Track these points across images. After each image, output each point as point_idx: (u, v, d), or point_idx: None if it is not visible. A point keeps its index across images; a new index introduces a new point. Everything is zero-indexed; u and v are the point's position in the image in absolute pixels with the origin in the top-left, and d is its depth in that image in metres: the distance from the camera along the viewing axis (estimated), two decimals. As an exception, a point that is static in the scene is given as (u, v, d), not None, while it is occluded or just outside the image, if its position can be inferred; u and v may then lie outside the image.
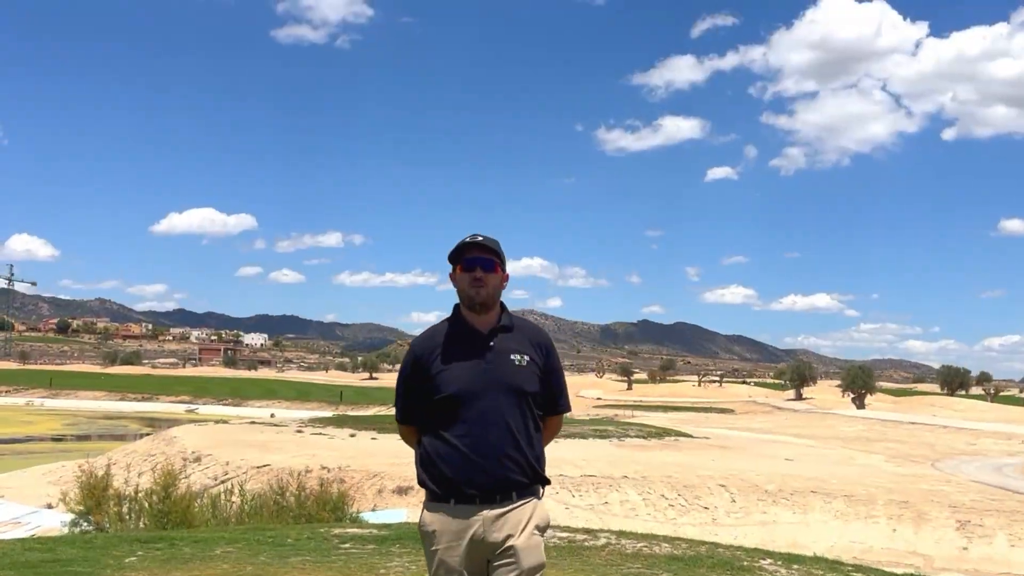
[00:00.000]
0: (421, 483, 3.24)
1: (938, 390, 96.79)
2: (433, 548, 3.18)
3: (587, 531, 10.05)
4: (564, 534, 9.48)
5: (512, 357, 3.23)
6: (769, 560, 8.42)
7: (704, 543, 9.38)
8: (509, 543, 3.10)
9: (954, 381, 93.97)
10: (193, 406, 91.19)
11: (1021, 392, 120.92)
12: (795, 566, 8.23)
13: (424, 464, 3.22)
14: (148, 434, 50.12)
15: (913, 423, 48.08)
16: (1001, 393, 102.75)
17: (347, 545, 8.67)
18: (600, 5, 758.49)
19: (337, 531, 9.60)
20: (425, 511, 3.24)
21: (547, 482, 3.28)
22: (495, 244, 3.31)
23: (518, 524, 3.12)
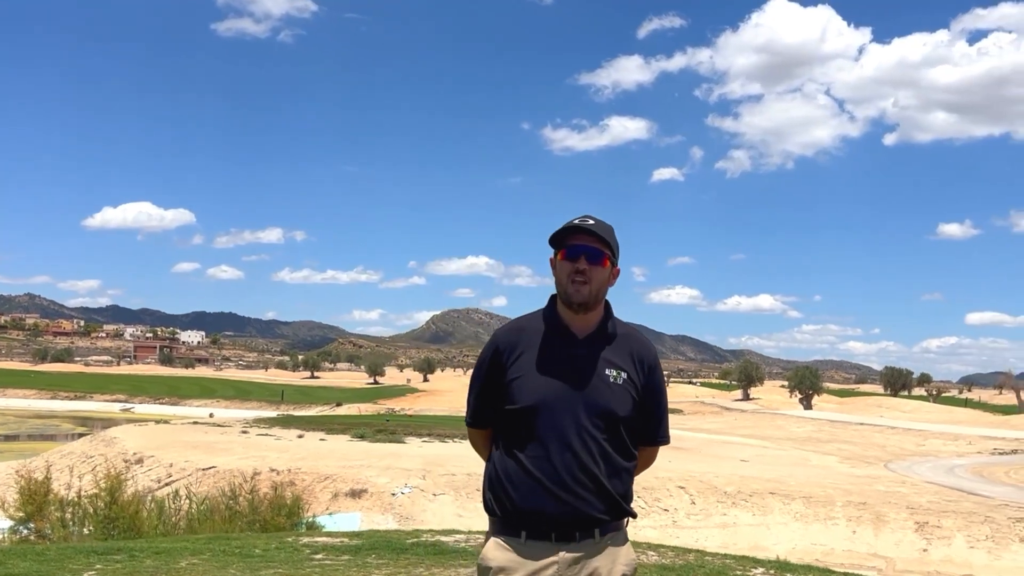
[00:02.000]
0: (487, 507, 2.70)
1: (881, 391, 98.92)
2: None
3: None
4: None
5: (607, 372, 2.66)
6: (761, 569, 8.15)
7: (690, 551, 9.08)
8: None
9: (897, 382, 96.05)
10: (129, 405, 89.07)
11: (961, 393, 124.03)
12: (787, 575, 7.96)
13: (492, 485, 2.68)
14: (82, 434, 48.61)
15: (862, 424, 48.78)
16: (943, 394, 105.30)
17: (319, 556, 8.17)
18: (548, 4, 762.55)
19: (306, 540, 9.10)
20: (490, 543, 2.67)
21: (633, 515, 2.74)
22: (608, 232, 2.71)
23: (602, 569, 2.61)
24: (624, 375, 2.66)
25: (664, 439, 2.82)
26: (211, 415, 64.65)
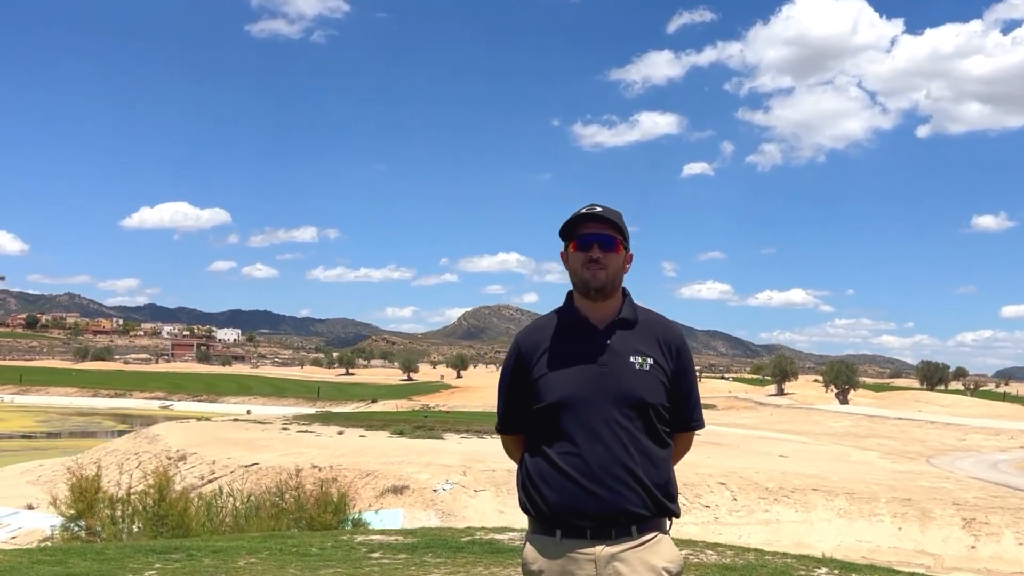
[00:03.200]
0: (523, 508, 2.63)
1: (917, 385, 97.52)
2: None
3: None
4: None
5: (632, 359, 2.57)
6: (824, 569, 8.04)
7: (749, 550, 9.01)
8: None
9: (933, 376, 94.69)
10: (167, 402, 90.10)
11: (998, 387, 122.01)
12: (852, 575, 7.87)
13: (525, 486, 2.61)
14: (123, 431, 49.31)
15: (900, 419, 48.14)
16: (980, 388, 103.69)
17: (376, 555, 8.19)
18: (576, 1, 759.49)
19: (361, 538, 9.12)
20: (528, 544, 2.61)
21: (676, 514, 2.61)
22: (617, 216, 2.67)
23: (642, 567, 2.49)
24: (651, 360, 2.59)
25: (698, 423, 2.72)
26: (248, 412, 65.30)
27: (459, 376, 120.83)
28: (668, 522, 2.61)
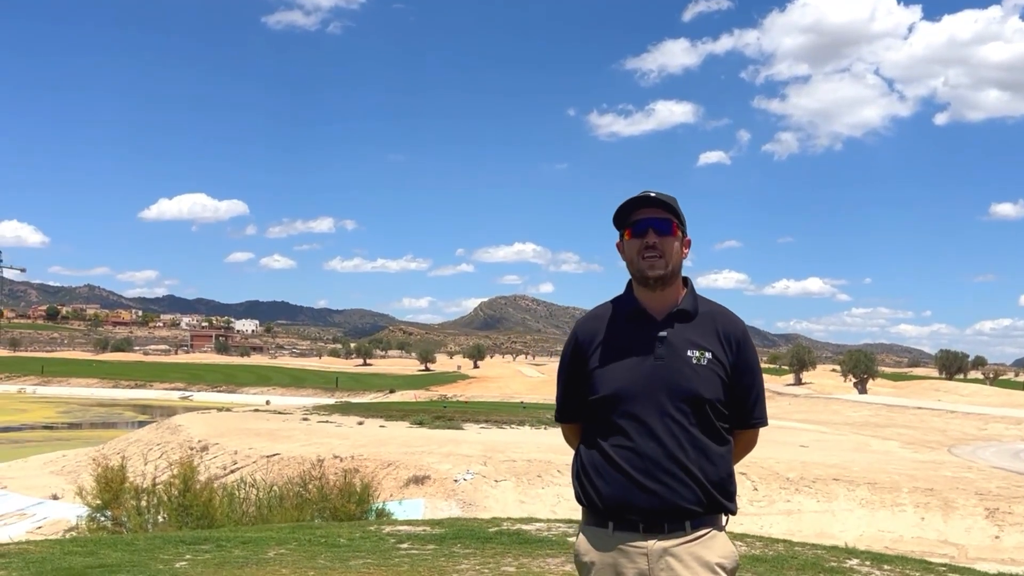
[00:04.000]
0: (577, 499, 2.62)
1: (935, 374, 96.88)
2: None
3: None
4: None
5: (689, 353, 2.52)
6: (856, 560, 8.02)
7: (778, 541, 8.99)
8: None
9: (952, 365, 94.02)
10: (187, 393, 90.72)
11: (1017, 376, 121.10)
12: (886, 567, 7.84)
13: (579, 477, 2.60)
14: (143, 422, 49.68)
15: (919, 408, 47.85)
16: (999, 377, 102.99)
17: (405, 545, 8.23)
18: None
19: (388, 529, 9.17)
20: (581, 535, 2.61)
21: (732, 511, 2.56)
22: (671, 200, 2.59)
23: (695, 563, 2.46)
24: (709, 355, 2.54)
25: (761, 420, 2.66)
26: (267, 402, 65.64)
27: (476, 366, 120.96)
28: (724, 519, 2.57)
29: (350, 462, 22.82)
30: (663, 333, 2.55)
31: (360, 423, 32.38)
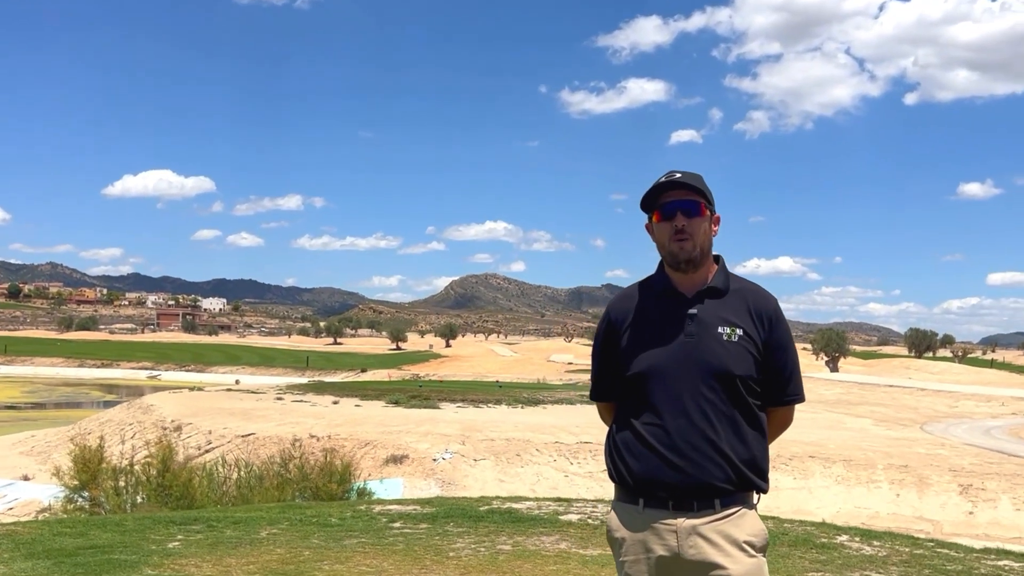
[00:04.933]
0: (610, 476, 2.63)
1: (905, 352, 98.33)
2: (620, 559, 2.58)
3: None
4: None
5: (720, 330, 2.52)
6: (845, 536, 8.06)
7: (767, 518, 8.99)
8: (719, 572, 2.44)
9: (921, 344, 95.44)
10: (155, 372, 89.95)
11: (984, 354, 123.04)
12: (875, 542, 7.88)
13: (611, 455, 2.61)
14: (111, 402, 49.15)
15: (891, 386, 48.52)
16: (968, 355, 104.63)
17: (397, 524, 8.15)
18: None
19: (379, 508, 9.09)
20: (612, 512, 2.63)
21: (763, 490, 2.55)
22: (698, 180, 2.59)
23: (723, 541, 2.45)
24: (740, 331, 2.53)
25: (797, 397, 2.63)
26: (237, 382, 65.18)
27: (448, 345, 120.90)
28: (756, 497, 2.56)
29: (327, 442, 22.70)
30: (693, 311, 2.55)
31: (335, 402, 32.23)
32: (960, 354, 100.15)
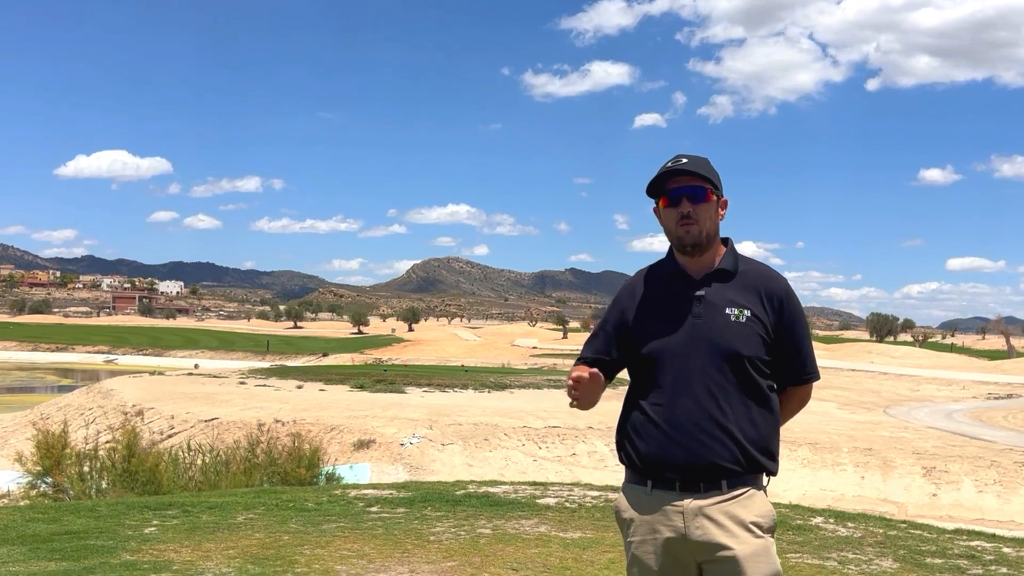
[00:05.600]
0: (620, 460, 2.63)
1: (866, 337, 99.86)
2: (628, 540, 2.59)
3: (614, 488, 9.65)
4: (597, 492, 9.07)
5: (728, 311, 2.52)
6: (820, 518, 8.13)
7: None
8: (726, 553, 2.43)
9: (883, 328, 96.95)
10: (112, 357, 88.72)
11: (944, 338, 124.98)
12: (849, 524, 7.96)
13: (620, 435, 2.62)
14: (67, 386, 48.39)
15: (854, 370, 49.27)
16: (928, 340, 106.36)
17: (375, 509, 8.08)
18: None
19: (354, 493, 9.00)
20: (621, 493, 2.64)
21: (772, 471, 2.54)
22: (704, 166, 2.60)
23: (730, 522, 2.45)
24: (748, 312, 2.53)
25: (812, 375, 2.65)
26: (196, 366, 64.46)
27: (411, 330, 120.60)
28: (764, 478, 2.56)
29: (293, 427, 22.52)
30: (701, 292, 2.57)
31: (299, 387, 31.98)
32: (920, 338, 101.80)
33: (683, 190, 2.57)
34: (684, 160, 2.59)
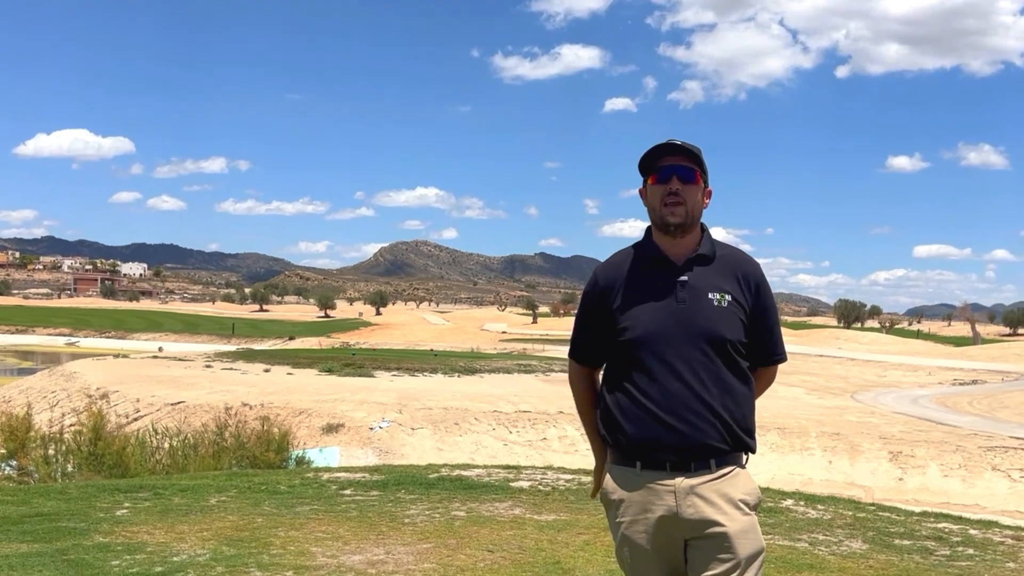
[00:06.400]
0: (604, 440, 2.69)
1: (834, 323, 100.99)
2: (617, 520, 2.64)
3: (587, 471, 9.68)
4: (570, 476, 9.09)
5: (711, 295, 2.60)
6: (790, 500, 8.23)
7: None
8: (717, 529, 2.51)
9: (850, 315, 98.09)
10: (73, 339, 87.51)
11: (910, 325, 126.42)
12: (819, 506, 8.07)
13: (605, 420, 2.66)
14: (28, 369, 47.73)
15: (822, 356, 49.85)
16: (895, 326, 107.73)
17: (348, 492, 8.05)
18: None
19: (327, 476, 8.97)
20: (608, 475, 2.68)
21: (752, 449, 2.65)
22: (696, 149, 2.66)
23: (720, 500, 2.53)
24: (728, 297, 2.61)
25: (780, 356, 2.75)
26: (160, 349, 63.79)
27: (378, 313, 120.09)
28: (745, 457, 2.65)
29: (260, 410, 22.39)
30: (684, 277, 2.62)
31: (267, 370, 31.75)
32: (887, 325, 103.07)
33: (674, 168, 2.62)
34: (678, 142, 2.64)
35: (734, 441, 2.57)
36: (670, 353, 2.55)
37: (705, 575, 2.52)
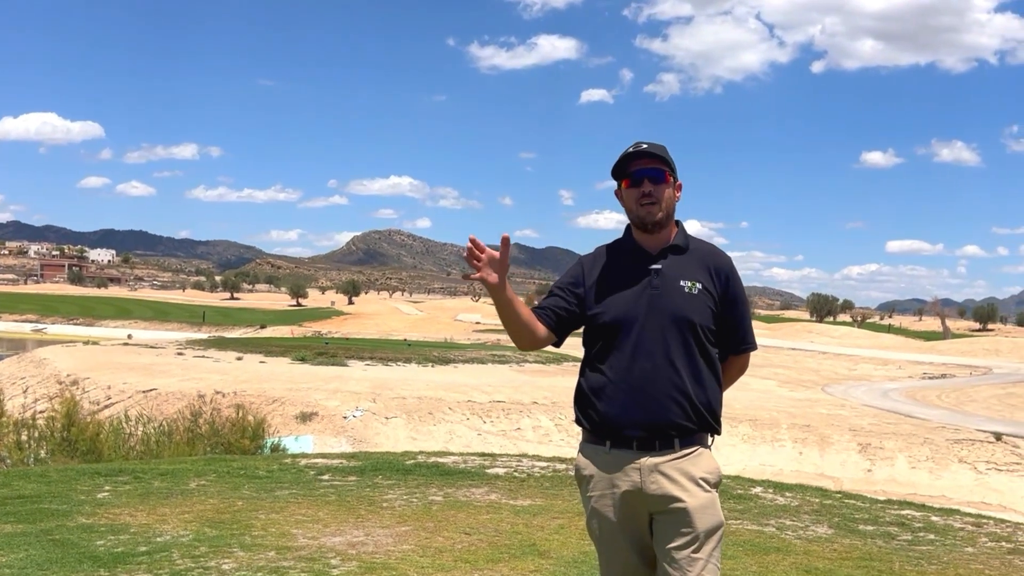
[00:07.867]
0: (577, 421, 2.88)
1: (807, 317, 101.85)
2: (588, 495, 2.84)
3: (562, 460, 9.83)
4: (545, 463, 9.22)
5: (682, 283, 2.79)
6: (759, 488, 8.43)
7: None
8: (678, 505, 2.68)
9: (823, 308, 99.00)
10: (40, 326, 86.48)
11: (882, 319, 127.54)
12: (787, 493, 8.26)
13: (579, 400, 2.85)
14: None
15: (794, 349, 50.31)
16: (867, 320, 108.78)
17: (326, 477, 8.14)
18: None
19: (305, 461, 9.06)
20: (580, 453, 2.89)
21: (717, 431, 2.82)
22: (663, 150, 2.90)
23: (682, 477, 2.70)
24: (699, 285, 2.80)
25: (750, 345, 2.94)
26: (130, 336, 63.24)
27: (351, 303, 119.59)
28: (710, 438, 2.83)
29: (233, 398, 22.34)
30: (657, 266, 2.83)
31: (239, 359, 31.63)
32: (859, 319, 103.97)
33: (644, 171, 2.85)
34: (644, 146, 2.87)
35: (699, 420, 2.74)
36: (642, 337, 2.73)
37: (667, 546, 2.69)
